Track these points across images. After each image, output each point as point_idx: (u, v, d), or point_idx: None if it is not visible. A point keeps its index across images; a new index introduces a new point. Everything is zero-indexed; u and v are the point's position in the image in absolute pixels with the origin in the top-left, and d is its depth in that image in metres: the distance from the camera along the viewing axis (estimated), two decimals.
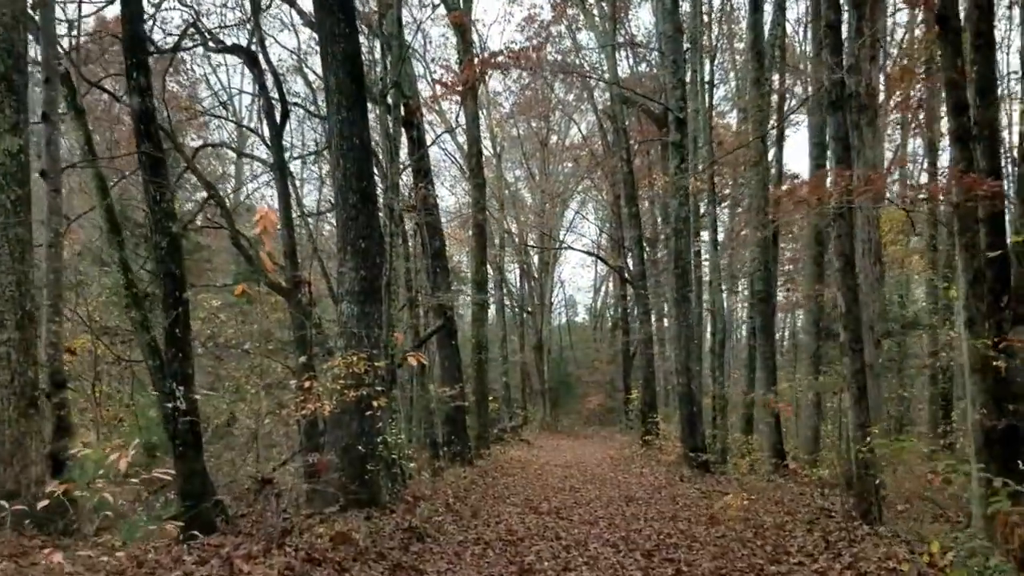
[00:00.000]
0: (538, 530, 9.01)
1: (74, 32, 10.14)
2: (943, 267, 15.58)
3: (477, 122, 18.79)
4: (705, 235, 21.01)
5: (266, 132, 11.87)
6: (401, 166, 14.12)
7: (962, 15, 7.36)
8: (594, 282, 45.11)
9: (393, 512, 8.39)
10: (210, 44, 10.46)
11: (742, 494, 9.31)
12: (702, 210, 20.88)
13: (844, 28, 9.79)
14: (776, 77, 17.63)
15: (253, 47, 10.60)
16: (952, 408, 15.63)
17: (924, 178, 20.64)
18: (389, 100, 10.72)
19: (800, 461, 12.59)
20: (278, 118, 10.65)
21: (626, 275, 27.76)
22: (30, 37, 6.99)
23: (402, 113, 14.50)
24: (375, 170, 13.85)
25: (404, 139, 17.00)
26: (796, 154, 48.71)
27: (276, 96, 10.78)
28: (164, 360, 6.24)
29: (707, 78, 20.49)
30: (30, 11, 7.23)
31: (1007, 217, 7.14)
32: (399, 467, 9.49)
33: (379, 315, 8.63)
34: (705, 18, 20.40)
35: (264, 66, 10.53)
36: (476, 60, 15.62)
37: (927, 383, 15.75)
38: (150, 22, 10.66)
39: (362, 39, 13.67)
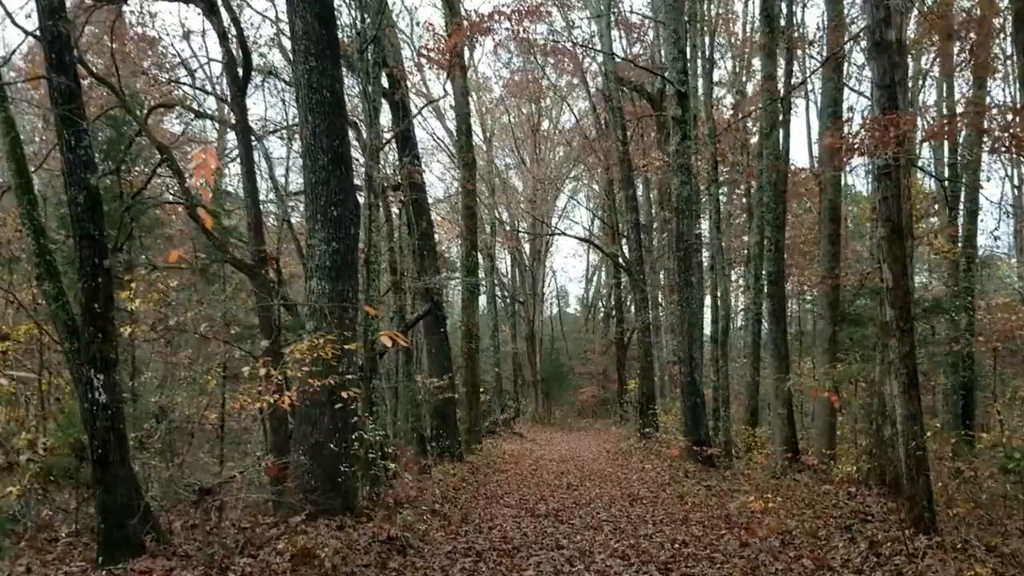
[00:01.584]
0: (536, 537, 8.00)
1: None
2: (963, 247, 14.60)
3: (466, 96, 17.64)
4: (705, 222, 19.99)
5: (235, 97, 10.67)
6: (384, 138, 12.97)
7: None
8: (586, 272, 44.22)
9: (370, 520, 7.29)
10: None
11: (765, 495, 8.29)
12: (702, 193, 19.83)
13: None
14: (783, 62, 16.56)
15: None
16: (974, 399, 14.70)
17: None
18: (369, 56, 9.53)
19: (818, 455, 11.59)
20: (240, 74, 9.49)
21: (621, 262, 26.76)
22: None
23: (385, 85, 13.35)
24: (355, 142, 12.74)
25: (388, 114, 15.88)
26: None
27: (239, 51, 9.61)
28: (81, 342, 5.10)
29: (707, 53, 19.40)
30: None
31: None
32: (380, 467, 8.39)
33: (353, 293, 7.50)
34: None
35: (224, 15, 9.35)
36: (465, 24, 14.46)
37: (948, 371, 14.79)
38: None
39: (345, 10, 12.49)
